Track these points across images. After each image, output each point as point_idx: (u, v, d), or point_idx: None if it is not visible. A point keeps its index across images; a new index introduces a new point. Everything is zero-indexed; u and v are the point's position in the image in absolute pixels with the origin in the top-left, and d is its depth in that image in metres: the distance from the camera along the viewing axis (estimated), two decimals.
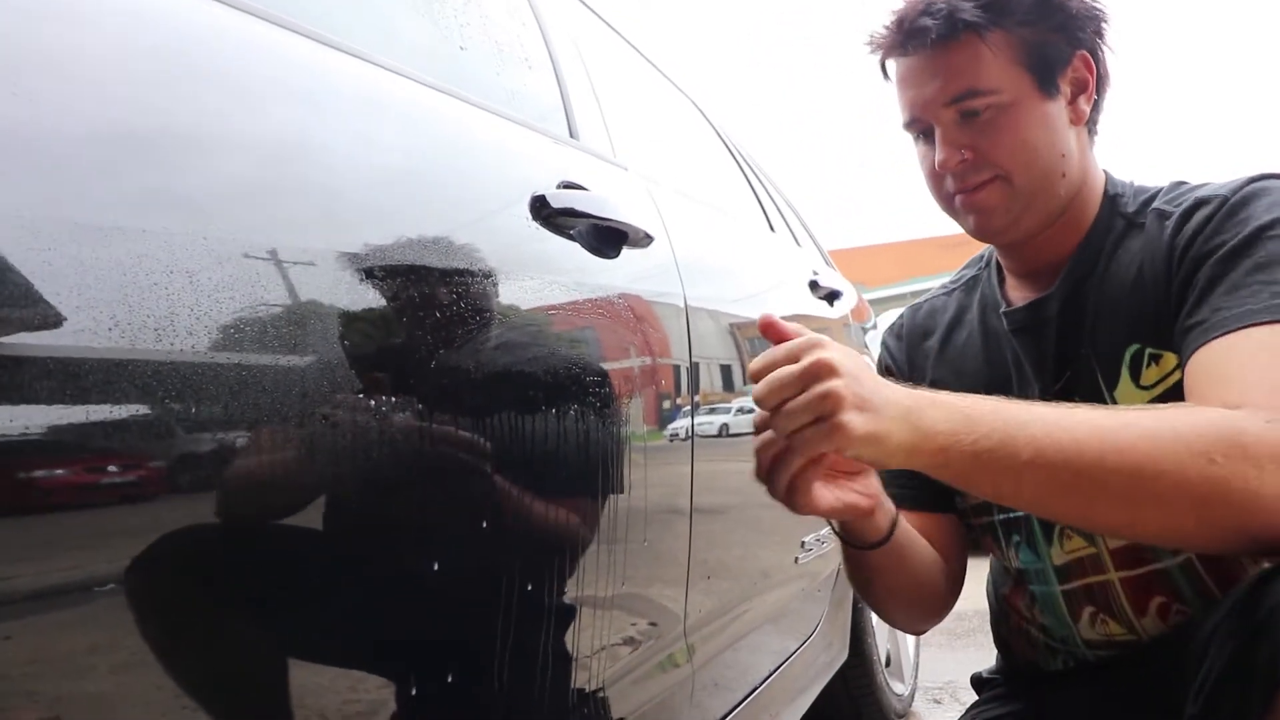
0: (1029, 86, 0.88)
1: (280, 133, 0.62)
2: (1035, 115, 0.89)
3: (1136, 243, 0.90)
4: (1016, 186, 0.90)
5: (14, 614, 0.42)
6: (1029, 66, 0.88)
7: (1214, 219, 0.84)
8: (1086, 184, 0.94)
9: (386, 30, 0.91)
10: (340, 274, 0.61)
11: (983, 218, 0.92)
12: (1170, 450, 0.67)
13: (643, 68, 1.76)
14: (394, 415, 0.63)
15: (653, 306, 1.07)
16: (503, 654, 0.77)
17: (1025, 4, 0.88)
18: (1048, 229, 0.93)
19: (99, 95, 0.50)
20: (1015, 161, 0.89)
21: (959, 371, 1.02)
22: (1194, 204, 0.86)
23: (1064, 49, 0.90)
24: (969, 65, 0.88)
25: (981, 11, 0.87)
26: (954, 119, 0.89)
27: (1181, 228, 0.86)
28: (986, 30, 0.87)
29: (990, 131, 0.89)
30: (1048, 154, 0.90)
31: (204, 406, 0.50)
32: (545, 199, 0.87)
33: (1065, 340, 0.93)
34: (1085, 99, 0.91)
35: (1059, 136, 0.90)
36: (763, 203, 2.19)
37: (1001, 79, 0.88)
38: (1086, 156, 0.94)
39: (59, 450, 0.44)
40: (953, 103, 0.89)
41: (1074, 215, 0.93)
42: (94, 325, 0.45)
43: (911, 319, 1.12)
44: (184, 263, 0.50)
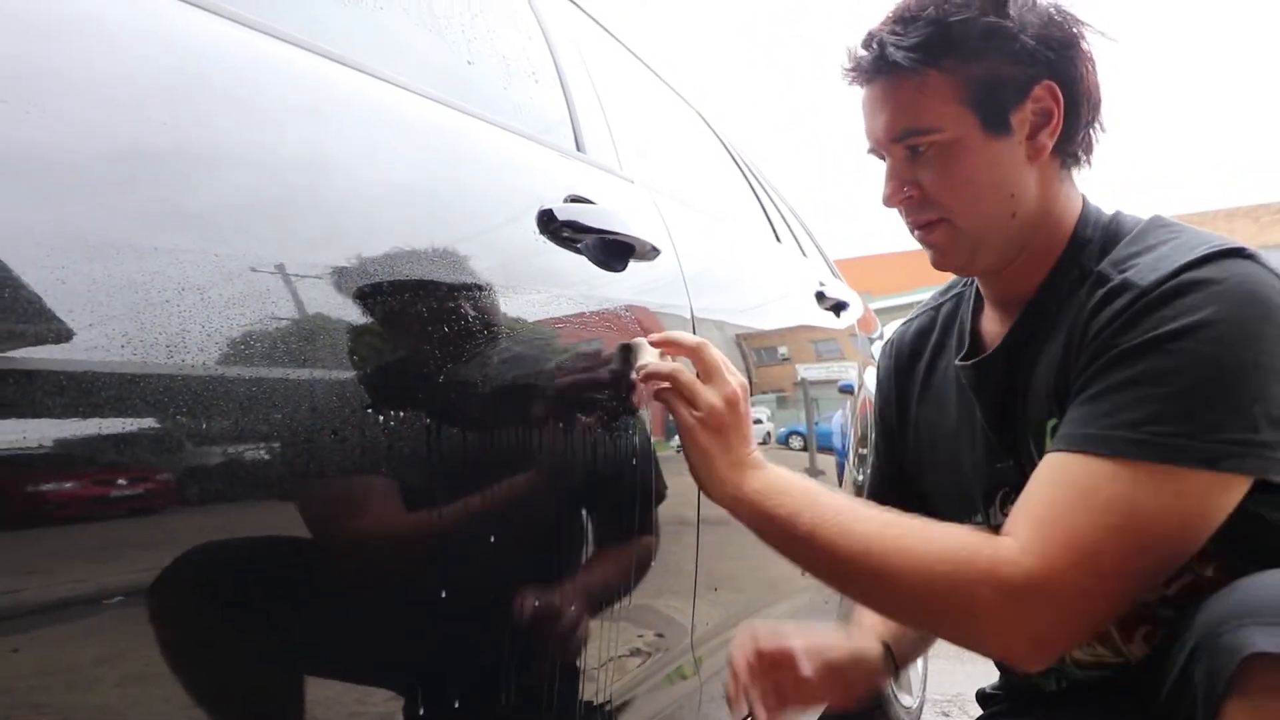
0: (972, 125, 0.84)
1: (289, 148, 0.63)
2: (980, 155, 0.85)
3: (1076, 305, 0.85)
4: (960, 229, 0.88)
5: (22, 626, 0.42)
6: (973, 105, 0.84)
7: (1123, 315, 0.78)
8: (1050, 222, 0.89)
9: (395, 46, 0.92)
10: (350, 288, 0.62)
11: (937, 254, 0.91)
12: (912, 569, 0.75)
13: (648, 79, 1.77)
14: (402, 429, 0.63)
15: (659, 318, 1.08)
16: (510, 666, 0.77)
17: (971, 36, 0.83)
18: (1010, 264, 0.91)
19: (110, 113, 0.50)
20: (957, 203, 0.87)
21: (940, 405, 1.02)
22: (1116, 289, 0.80)
23: (1019, 82, 0.84)
24: (909, 103, 0.85)
25: (912, 52, 0.83)
26: (902, 154, 0.88)
27: (1097, 313, 0.81)
28: (915, 72, 0.84)
29: (933, 170, 0.86)
30: (993, 195, 0.86)
31: (214, 421, 0.50)
32: (552, 213, 0.88)
33: (1008, 402, 0.92)
34: (1048, 133, 0.86)
35: (1007, 176, 0.86)
36: (768, 213, 2.19)
37: (941, 118, 0.84)
38: (1051, 191, 0.89)
39: (70, 464, 0.44)
40: (897, 140, 0.87)
41: (1038, 251, 0.90)
42: (106, 341, 0.45)
43: (901, 340, 1.11)
44: (195, 279, 0.50)
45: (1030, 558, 0.72)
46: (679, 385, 0.88)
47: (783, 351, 1.73)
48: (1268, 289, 0.75)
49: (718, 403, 0.87)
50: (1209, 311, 0.73)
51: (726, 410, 0.87)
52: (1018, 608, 0.72)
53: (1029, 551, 0.72)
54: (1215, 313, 0.73)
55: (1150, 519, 0.72)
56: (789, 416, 1.67)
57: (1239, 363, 0.73)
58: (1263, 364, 0.73)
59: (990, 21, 0.83)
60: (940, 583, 0.74)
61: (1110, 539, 0.72)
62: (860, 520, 0.80)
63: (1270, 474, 0.73)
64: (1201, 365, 0.73)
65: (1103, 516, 0.72)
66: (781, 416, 1.62)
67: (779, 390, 1.64)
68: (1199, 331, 0.73)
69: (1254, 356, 0.73)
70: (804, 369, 1.77)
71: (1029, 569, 0.72)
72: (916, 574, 0.75)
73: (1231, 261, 0.76)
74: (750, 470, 0.87)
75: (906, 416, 1.08)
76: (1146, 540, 0.72)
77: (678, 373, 0.89)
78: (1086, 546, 0.72)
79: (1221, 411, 0.72)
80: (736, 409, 0.88)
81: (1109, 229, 0.90)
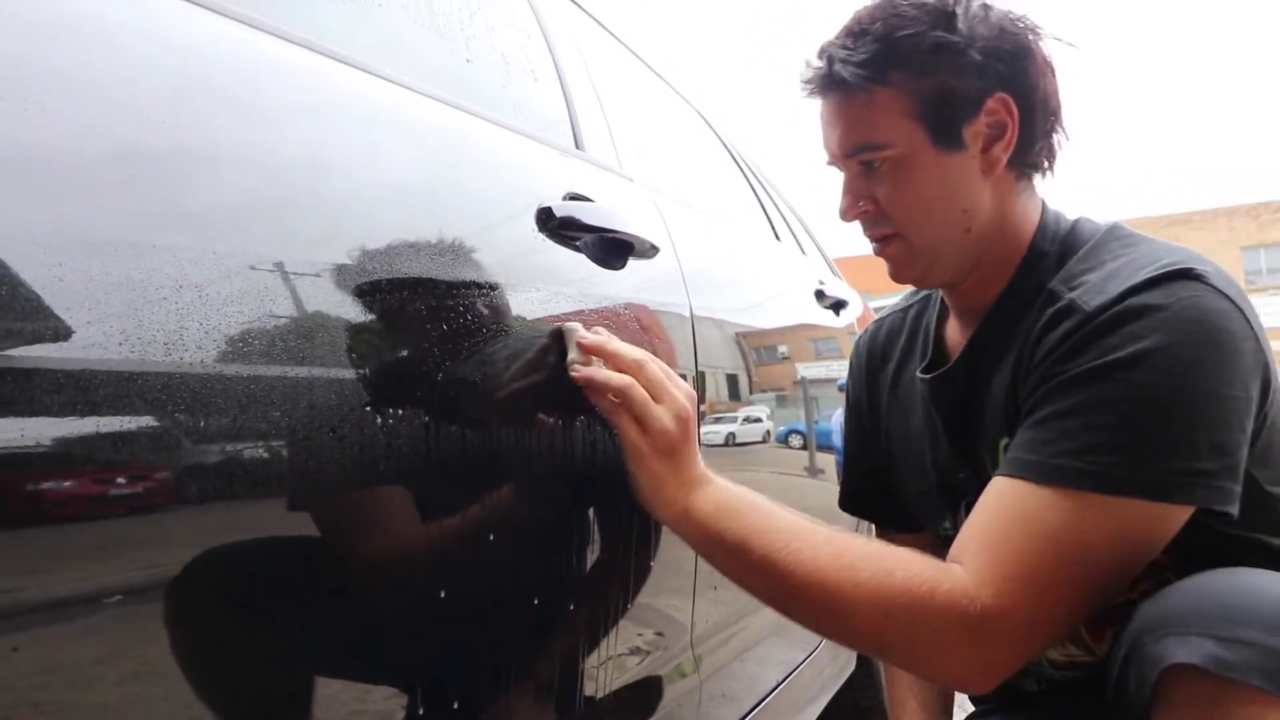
0: (923, 141, 0.84)
1: (287, 146, 0.62)
2: (931, 171, 0.85)
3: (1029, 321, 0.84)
4: (914, 245, 0.88)
5: (21, 625, 0.42)
6: (924, 120, 0.83)
7: (1069, 340, 0.77)
8: (1007, 234, 0.89)
9: (393, 44, 0.91)
10: (348, 286, 0.62)
11: (893, 268, 0.91)
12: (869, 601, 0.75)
13: (647, 78, 1.77)
14: (401, 427, 0.63)
15: (659, 316, 1.08)
16: (509, 665, 0.77)
17: (919, 51, 0.82)
18: (968, 277, 0.90)
19: (108, 111, 0.50)
20: (909, 219, 0.86)
21: (906, 410, 1.02)
22: (1063, 310, 0.80)
23: (971, 95, 0.83)
24: (859, 118, 0.85)
25: (859, 69, 0.83)
26: (856, 169, 0.87)
27: (1045, 334, 0.80)
28: (863, 88, 0.83)
29: (886, 185, 0.86)
30: (945, 211, 0.86)
31: (212, 419, 0.50)
32: (551, 211, 0.88)
33: (964, 416, 0.92)
34: (1003, 145, 0.85)
35: (961, 192, 0.86)
36: (768, 211, 2.19)
37: (891, 134, 0.84)
38: (1008, 203, 0.88)
39: (69, 462, 0.44)
40: (849, 155, 0.87)
41: (995, 264, 0.89)
42: (105, 339, 0.45)
43: (872, 341, 1.11)
44: (193, 277, 0.50)
45: (986, 591, 0.72)
46: (630, 403, 0.82)
47: (782, 350, 1.73)
48: (1213, 313, 0.74)
49: (670, 425, 0.82)
50: (1153, 339, 0.73)
51: (678, 431, 0.82)
52: (972, 640, 0.73)
53: (984, 584, 0.73)
54: (1159, 340, 0.73)
55: (1096, 549, 0.73)
56: (788, 415, 1.67)
57: (1183, 391, 0.73)
58: (1207, 390, 0.73)
59: (938, 36, 0.82)
60: (898, 616, 0.74)
61: (1059, 570, 0.73)
62: (814, 547, 0.78)
63: (1212, 502, 0.73)
64: (1145, 394, 0.73)
65: (1051, 547, 0.73)
66: (781, 415, 1.62)
67: (778, 389, 1.64)
68: (1143, 360, 0.73)
69: (1198, 384, 0.73)
70: (804, 367, 1.77)
71: (985, 604, 0.72)
72: (873, 607, 0.75)
73: (1178, 284, 0.75)
74: (699, 489, 0.83)
75: (878, 420, 1.08)
76: (1093, 569, 0.73)
77: (630, 388, 0.82)
78: (1037, 579, 0.72)
79: (1165, 441, 0.73)
80: (687, 427, 0.83)
81: (1066, 240, 0.89)
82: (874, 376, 1.09)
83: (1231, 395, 0.74)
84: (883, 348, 1.09)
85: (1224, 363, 0.74)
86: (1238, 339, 0.75)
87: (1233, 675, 0.62)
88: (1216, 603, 0.66)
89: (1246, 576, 0.69)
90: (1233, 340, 0.75)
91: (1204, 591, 0.68)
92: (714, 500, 0.82)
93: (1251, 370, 0.76)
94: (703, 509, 0.82)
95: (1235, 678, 0.62)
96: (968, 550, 0.76)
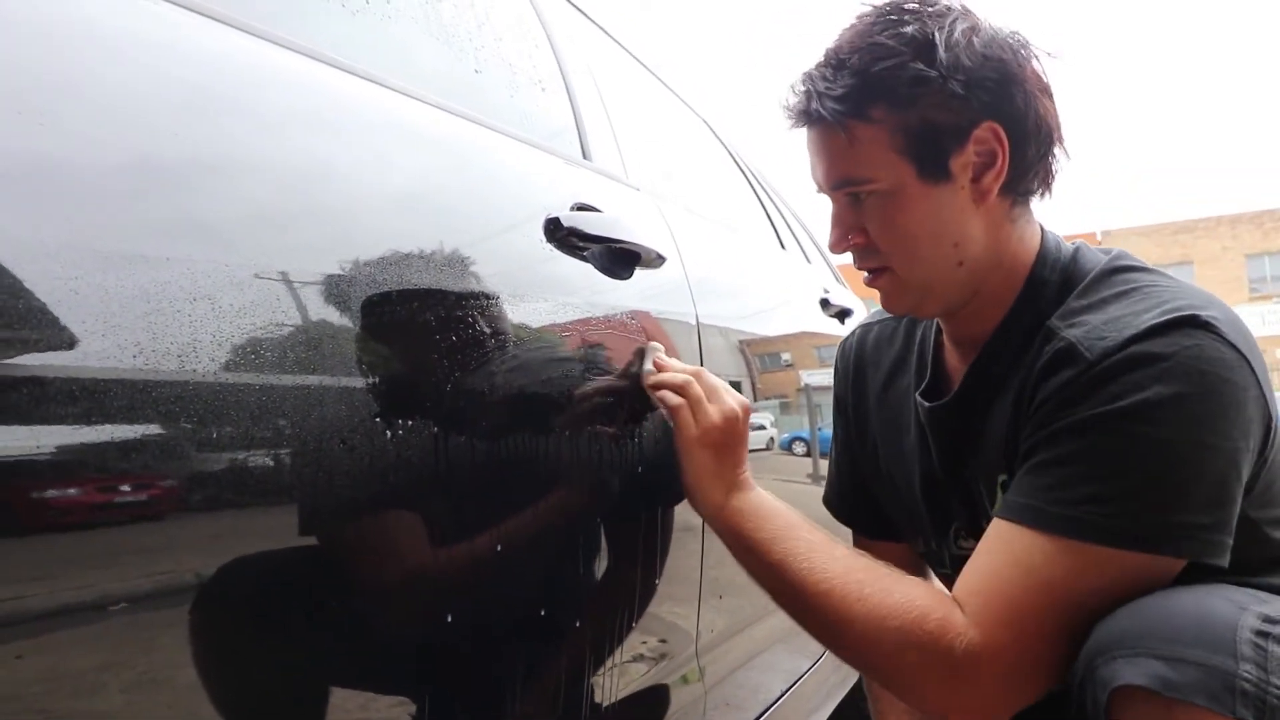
0: (909, 174, 0.81)
1: (297, 158, 0.63)
2: (919, 205, 0.82)
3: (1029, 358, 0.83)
4: (904, 280, 0.86)
5: (26, 633, 0.42)
6: (908, 153, 0.81)
7: (1071, 387, 0.76)
8: (1005, 264, 0.86)
9: (403, 54, 0.92)
10: (358, 297, 0.62)
11: (885, 300, 0.90)
12: (865, 619, 0.77)
13: (654, 87, 1.77)
14: (410, 436, 0.63)
15: (665, 325, 1.08)
16: (516, 673, 0.77)
17: (899, 85, 0.79)
18: (965, 307, 0.88)
19: (121, 123, 0.50)
20: (898, 253, 0.85)
21: (896, 424, 1.01)
22: (1064, 353, 0.78)
23: (957, 126, 0.81)
24: (843, 153, 0.83)
25: (838, 103, 0.80)
26: (844, 200, 0.86)
27: (1046, 377, 0.79)
28: (840, 125, 0.81)
29: (874, 219, 0.84)
30: (934, 246, 0.83)
31: (222, 429, 0.50)
32: (559, 221, 0.88)
33: (961, 448, 0.91)
34: (994, 174, 0.82)
35: (949, 225, 0.83)
36: (773, 219, 2.19)
37: (875, 169, 0.82)
38: (1003, 233, 0.86)
39: (84, 471, 0.44)
40: (835, 188, 0.86)
41: (993, 295, 0.87)
42: (118, 350, 0.45)
43: (860, 345, 1.09)
44: (206, 288, 0.50)
45: (974, 630, 0.74)
46: (689, 396, 0.90)
47: (786, 358, 1.73)
48: (1216, 363, 0.73)
49: (718, 420, 0.89)
50: (1153, 391, 0.72)
51: (725, 428, 0.89)
52: (952, 675, 0.74)
53: (975, 627, 0.74)
54: (1160, 392, 0.72)
55: (1087, 599, 0.72)
56: (792, 422, 1.67)
57: (1181, 444, 0.72)
58: (1206, 444, 0.72)
59: (917, 69, 0.79)
60: (888, 638, 0.76)
61: (1049, 618, 0.73)
62: (829, 560, 0.82)
63: (1204, 556, 0.73)
64: (1143, 446, 0.72)
65: (1042, 596, 0.73)
66: (785, 422, 1.62)
67: (782, 396, 1.64)
68: (1143, 412, 0.72)
69: (1197, 437, 0.72)
70: (808, 375, 1.77)
71: (970, 642, 0.73)
72: (868, 625, 0.77)
73: (1183, 332, 0.74)
74: (738, 491, 0.89)
75: (865, 427, 1.07)
76: (1084, 616, 0.72)
77: (689, 385, 0.90)
78: (1026, 625, 0.73)
79: (1161, 494, 0.72)
80: (734, 429, 0.90)
81: (1068, 269, 0.86)
82: (861, 381, 1.07)
83: (1231, 447, 0.73)
84: (872, 355, 1.07)
85: (1224, 414, 0.73)
86: (1239, 389, 0.73)
87: (1178, 695, 0.63)
88: (1163, 623, 0.67)
89: (1194, 594, 0.69)
90: (1234, 391, 0.73)
91: (1153, 611, 0.68)
92: (750, 502, 0.89)
93: (1253, 419, 0.75)
94: (737, 507, 0.88)
95: (1180, 698, 0.62)
96: (965, 589, 0.77)
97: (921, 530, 0.99)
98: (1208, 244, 26.09)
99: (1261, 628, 0.66)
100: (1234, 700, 0.62)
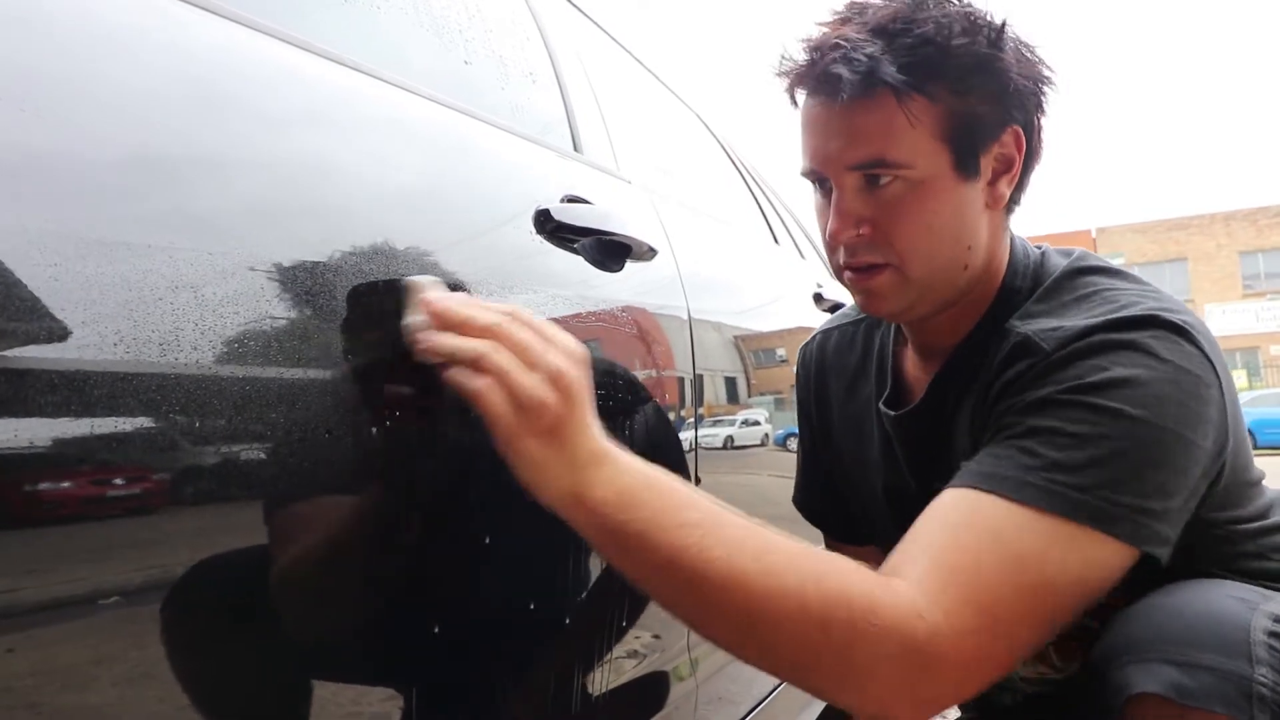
0: (946, 164, 0.77)
1: (285, 148, 0.63)
2: (947, 198, 0.78)
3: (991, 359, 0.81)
4: (911, 279, 0.80)
5: (17, 626, 0.42)
6: (950, 141, 0.77)
7: (1024, 376, 0.74)
8: (989, 270, 0.84)
9: (390, 45, 0.92)
10: (345, 287, 0.61)
11: (872, 300, 0.83)
12: (797, 613, 0.63)
13: (646, 80, 1.77)
14: (398, 428, 0.63)
15: (656, 319, 1.08)
16: (506, 667, 0.77)
17: (962, 68, 0.76)
18: (943, 314, 0.85)
19: (105, 112, 0.50)
20: (914, 250, 0.79)
21: (859, 433, 0.98)
22: (1021, 347, 0.76)
23: (995, 123, 0.79)
24: (882, 131, 0.76)
25: (906, 73, 0.74)
26: (857, 184, 0.78)
27: (1001, 372, 0.77)
28: (907, 96, 0.75)
29: (893, 209, 0.78)
30: (952, 245, 0.80)
31: (209, 420, 0.50)
32: (549, 213, 0.88)
33: (929, 456, 0.88)
34: (1007, 180, 0.80)
35: (969, 225, 0.80)
36: (766, 215, 2.19)
37: (916, 152, 0.76)
38: (997, 240, 0.84)
39: (63, 463, 0.44)
40: (858, 168, 0.78)
41: (971, 301, 0.85)
42: (99, 339, 0.45)
43: (821, 351, 1.07)
44: (189, 277, 0.50)
45: (936, 612, 0.64)
46: (492, 369, 0.62)
47: (780, 353, 1.73)
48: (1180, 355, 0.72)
49: (546, 396, 0.63)
50: (1117, 371, 0.70)
51: (558, 401, 0.63)
52: (913, 666, 0.64)
53: (934, 604, 0.64)
54: (1123, 373, 0.70)
55: (1058, 583, 0.67)
56: (787, 418, 1.67)
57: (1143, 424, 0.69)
58: (1168, 429, 0.69)
59: (987, 54, 0.76)
60: (833, 631, 0.63)
61: (1019, 601, 0.66)
62: (730, 544, 0.64)
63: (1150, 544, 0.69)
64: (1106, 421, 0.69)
65: (1014, 575, 0.66)
66: (780, 418, 1.62)
67: (777, 392, 1.64)
68: (1107, 388, 0.70)
69: (1160, 420, 0.69)
70: None
71: (934, 626, 0.63)
72: (801, 618, 0.63)
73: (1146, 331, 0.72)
74: (595, 470, 0.65)
75: (828, 435, 1.05)
76: (1052, 603, 0.67)
77: (486, 356, 0.62)
78: (997, 606, 0.65)
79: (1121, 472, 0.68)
80: (570, 394, 0.64)
81: (1037, 275, 0.85)
82: (823, 388, 1.05)
83: (1190, 439, 0.70)
84: (833, 360, 1.04)
85: (1185, 404, 0.70)
86: (1203, 385, 0.72)
87: (1192, 703, 0.61)
88: (1174, 625, 0.66)
89: (1201, 593, 0.69)
90: (1197, 386, 0.71)
91: (1163, 613, 0.67)
92: (614, 485, 0.65)
93: (1213, 422, 0.72)
94: (599, 495, 0.64)
95: (1196, 705, 0.61)
96: (913, 563, 0.67)
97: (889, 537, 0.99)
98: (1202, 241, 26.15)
99: (1274, 628, 0.65)
100: (1251, 706, 0.61)
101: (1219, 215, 26.38)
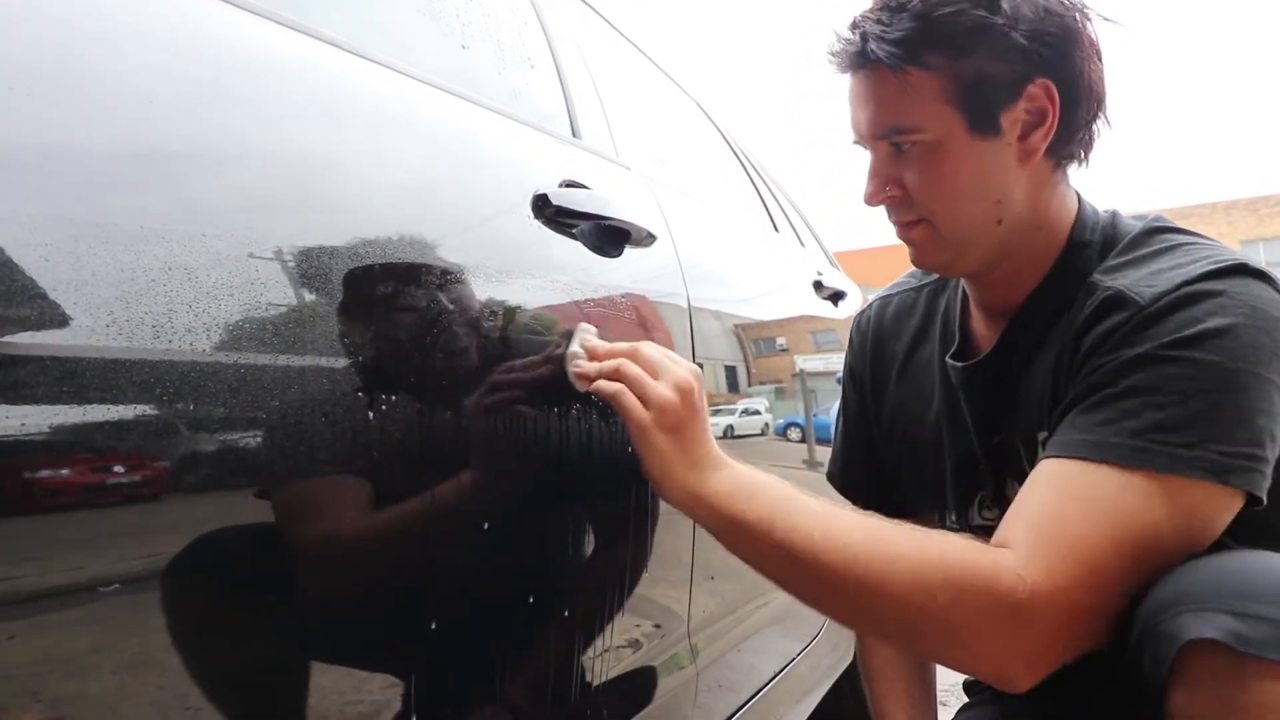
0: (958, 126, 0.81)
1: (280, 133, 0.62)
2: (965, 157, 0.81)
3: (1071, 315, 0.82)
4: (942, 233, 0.85)
5: (17, 614, 0.42)
6: (960, 104, 0.80)
7: (1119, 330, 0.76)
8: (1045, 227, 0.86)
9: (388, 29, 0.91)
10: (342, 273, 0.61)
11: (917, 253, 0.89)
12: (906, 583, 0.70)
13: (645, 67, 1.76)
14: (396, 416, 0.63)
15: (656, 306, 1.07)
16: (507, 656, 0.77)
17: (960, 32, 0.79)
18: (997, 269, 0.87)
19: (98, 98, 0.50)
20: (940, 207, 0.84)
21: (919, 393, 1.00)
22: (1112, 301, 0.78)
23: (1011, 80, 0.80)
24: (892, 100, 0.81)
25: (895, 47, 0.79)
26: (886, 150, 0.84)
27: (1091, 327, 0.78)
28: (899, 69, 0.80)
29: (917, 170, 0.83)
30: (976, 201, 0.83)
31: (207, 406, 0.50)
32: (547, 198, 0.87)
33: (997, 409, 0.90)
34: (1042, 133, 0.82)
35: (994, 180, 0.82)
36: (766, 202, 2.19)
37: (924, 118, 0.81)
38: (1044, 195, 0.85)
39: (57, 449, 0.44)
40: (879, 136, 0.84)
41: (1030, 258, 0.87)
42: (92, 323, 0.45)
43: (879, 317, 1.08)
44: (184, 262, 0.50)
45: (1036, 572, 0.69)
46: (626, 379, 0.79)
47: (781, 342, 1.73)
48: (1272, 304, 0.74)
49: (670, 396, 0.78)
50: (1214, 322, 0.72)
51: (681, 404, 0.78)
52: (1016, 624, 0.69)
53: (1034, 566, 0.69)
54: (1220, 323, 0.72)
55: (1156, 534, 0.70)
56: (787, 408, 1.67)
57: (1245, 374, 0.71)
58: (1264, 377, 0.72)
59: (979, 16, 0.79)
60: (937, 594, 0.69)
61: (1116, 554, 0.69)
62: (845, 528, 0.74)
63: (1258, 488, 0.72)
64: (1210, 372, 0.71)
65: (1109, 530, 0.70)
66: (780, 408, 1.62)
67: (777, 381, 1.64)
68: (1206, 340, 0.72)
69: (1256, 369, 0.71)
70: (802, 359, 1.77)
71: (1034, 585, 0.68)
72: (910, 588, 0.70)
73: (1235, 279, 0.75)
74: (713, 470, 0.79)
75: (881, 399, 1.06)
76: (1151, 555, 0.70)
77: (622, 367, 0.80)
78: (1093, 562, 0.69)
79: (1227, 423, 0.71)
80: (691, 402, 0.79)
81: (1107, 232, 0.86)
82: (881, 353, 1.06)
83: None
84: (891, 326, 1.06)
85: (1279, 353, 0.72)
86: None
87: (1251, 650, 0.61)
88: (1234, 579, 0.66)
89: (1260, 555, 0.69)
90: None
91: (1219, 570, 0.68)
92: (731, 480, 0.78)
93: None
94: (718, 489, 0.77)
95: (1254, 653, 0.61)
96: (1016, 531, 0.72)
97: (942, 502, 0.98)
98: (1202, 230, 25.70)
99: None
100: None
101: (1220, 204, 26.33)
